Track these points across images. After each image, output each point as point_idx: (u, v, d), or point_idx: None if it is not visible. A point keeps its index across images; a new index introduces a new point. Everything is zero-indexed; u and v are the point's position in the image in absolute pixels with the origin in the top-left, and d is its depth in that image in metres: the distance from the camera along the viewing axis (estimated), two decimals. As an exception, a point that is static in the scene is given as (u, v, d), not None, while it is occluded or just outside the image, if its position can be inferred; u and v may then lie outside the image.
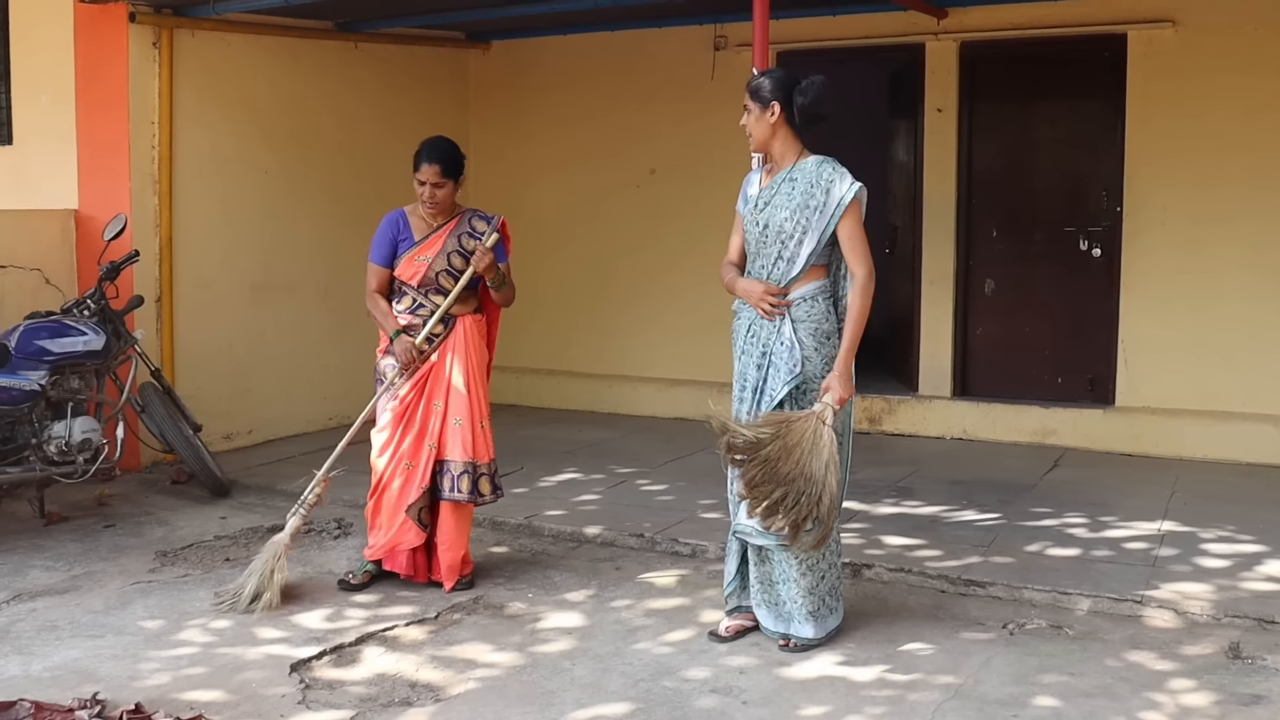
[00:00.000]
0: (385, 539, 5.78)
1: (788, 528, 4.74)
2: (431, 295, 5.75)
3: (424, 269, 5.74)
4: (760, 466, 4.74)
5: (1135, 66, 8.57)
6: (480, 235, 5.83)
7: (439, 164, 5.72)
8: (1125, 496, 7.36)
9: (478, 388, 5.81)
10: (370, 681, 4.77)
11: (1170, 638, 5.17)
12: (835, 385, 4.84)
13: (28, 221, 8.11)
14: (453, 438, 5.73)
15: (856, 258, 4.89)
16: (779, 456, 4.72)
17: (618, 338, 10.34)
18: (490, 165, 10.78)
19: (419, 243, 5.78)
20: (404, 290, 5.80)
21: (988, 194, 9.25)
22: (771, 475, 4.72)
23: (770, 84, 4.96)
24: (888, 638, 5.17)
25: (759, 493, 4.74)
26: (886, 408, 9.35)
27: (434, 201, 5.75)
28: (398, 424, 5.76)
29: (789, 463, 4.71)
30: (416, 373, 5.74)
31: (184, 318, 8.43)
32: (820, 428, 4.76)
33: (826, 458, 4.72)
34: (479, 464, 5.78)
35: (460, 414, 5.74)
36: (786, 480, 4.70)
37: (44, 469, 6.68)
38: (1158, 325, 8.59)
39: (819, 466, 4.70)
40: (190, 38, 8.36)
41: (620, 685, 4.71)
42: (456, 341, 5.79)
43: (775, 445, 4.73)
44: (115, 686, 4.65)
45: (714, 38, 9.68)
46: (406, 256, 5.77)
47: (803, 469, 4.70)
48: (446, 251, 5.77)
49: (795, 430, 4.75)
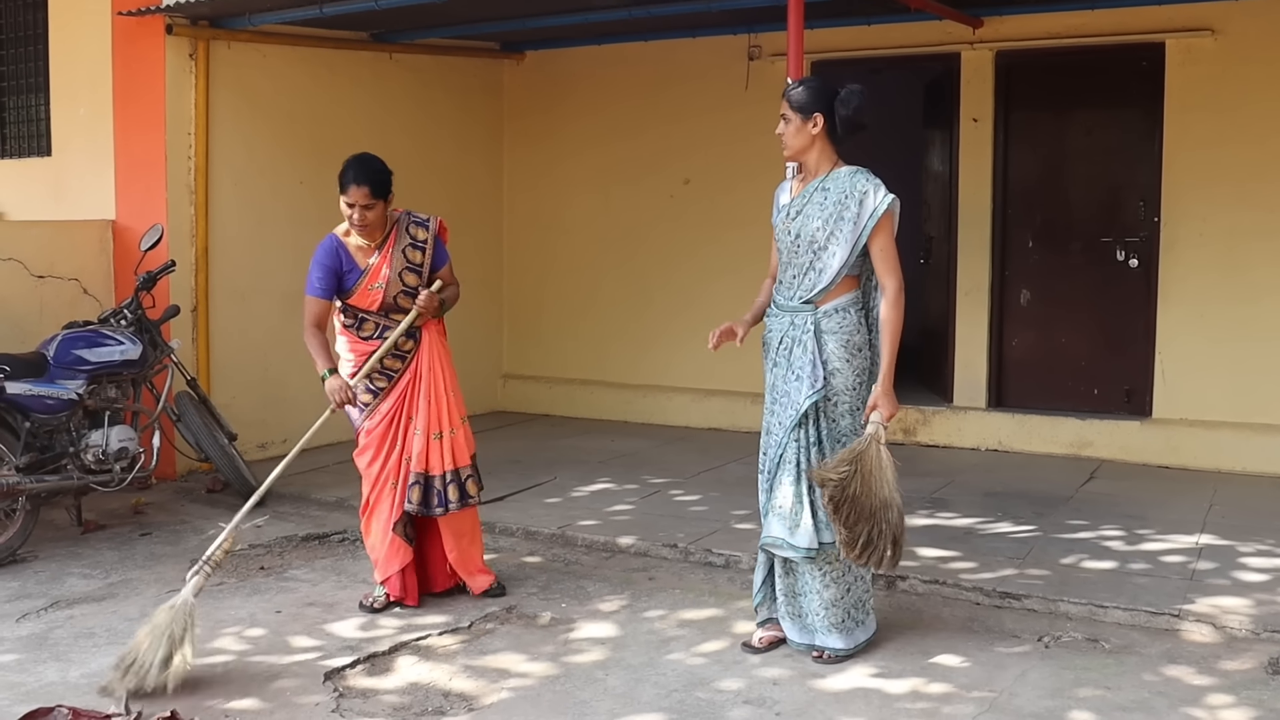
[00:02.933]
0: (380, 563, 5.73)
1: (880, 560, 4.77)
2: (393, 315, 5.62)
3: (380, 295, 5.59)
4: (849, 507, 4.76)
5: (1173, 75, 8.50)
6: (423, 244, 5.69)
7: (368, 185, 5.48)
8: (1162, 509, 7.30)
9: (446, 395, 5.72)
10: (404, 691, 4.77)
11: (1208, 652, 5.12)
12: (882, 403, 4.86)
13: (66, 232, 8.18)
14: (434, 451, 5.65)
15: (888, 270, 4.87)
16: (863, 492, 4.75)
17: (652, 348, 10.33)
18: (525, 175, 10.84)
19: (366, 271, 5.59)
20: (364, 317, 5.64)
21: (1023, 204, 9.20)
22: (861, 514, 4.75)
23: (811, 94, 4.94)
24: (922, 650, 5.14)
25: (855, 534, 4.75)
26: (921, 419, 9.30)
27: (364, 224, 5.52)
28: (381, 444, 5.68)
29: (870, 495, 4.76)
30: (395, 390, 5.66)
31: (220, 327, 8.49)
32: (880, 450, 4.80)
33: (892, 478, 4.79)
34: (461, 469, 5.72)
35: (441, 426, 5.67)
36: (871, 515, 4.75)
37: (81, 477, 6.73)
38: (1195, 337, 8.52)
39: (889, 491, 4.78)
40: (226, 49, 8.42)
41: (653, 696, 4.70)
42: (425, 352, 5.70)
43: (857, 482, 4.76)
44: (151, 694, 4.66)
45: (748, 47, 9.68)
46: (360, 288, 5.58)
47: (880, 498, 4.76)
48: (398, 271, 5.61)
49: (867, 460, 4.79)
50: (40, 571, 6.29)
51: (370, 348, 5.61)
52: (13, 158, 9.42)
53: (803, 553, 4.91)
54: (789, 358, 4.96)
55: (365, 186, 5.48)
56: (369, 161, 5.58)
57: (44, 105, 9.05)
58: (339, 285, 5.61)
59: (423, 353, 5.70)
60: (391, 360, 5.64)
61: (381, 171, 5.57)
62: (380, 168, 5.58)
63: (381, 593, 5.74)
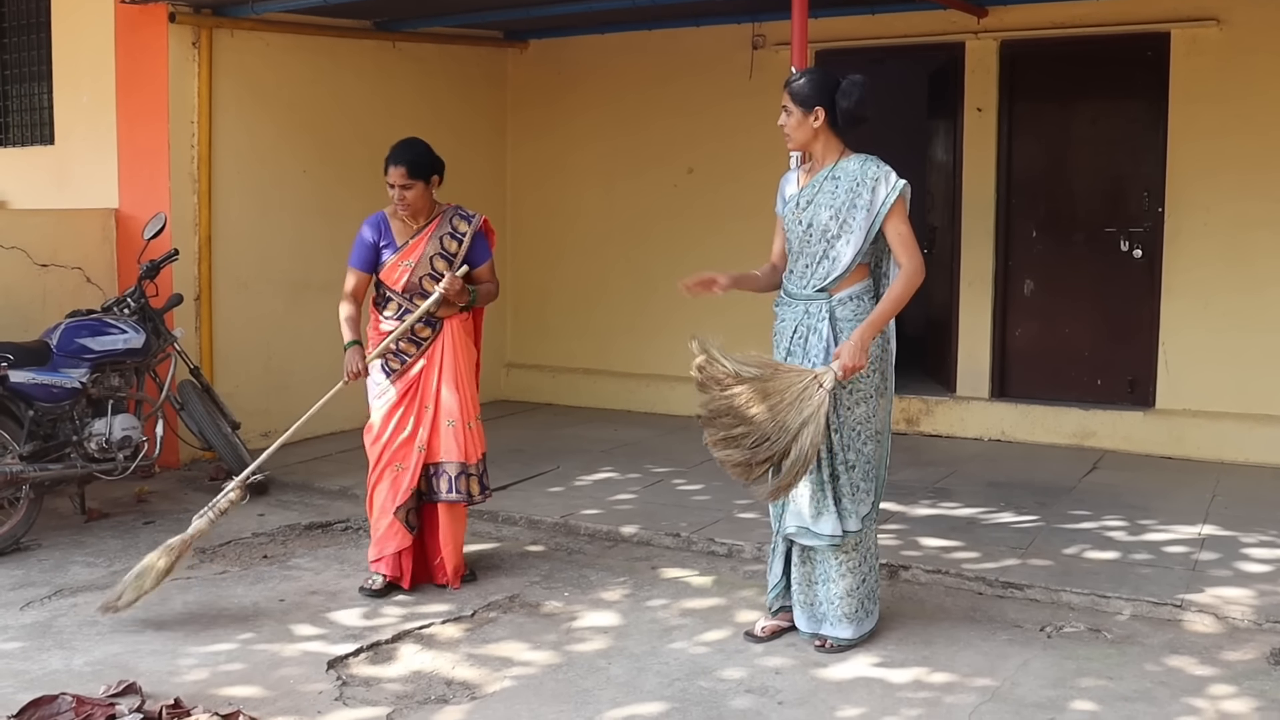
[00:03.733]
0: (375, 542, 5.79)
1: (739, 467, 4.71)
2: (416, 300, 5.70)
3: (408, 274, 5.68)
4: (729, 400, 4.72)
5: (1178, 65, 8.49)
6: (462, 236, 5.78)
7: (404, 165, 5.64)
8: (1165, 500, 7.30)
9: (467, 388, 5.77)
10: (407, 679, 4.78)
11: (1210, 643, 5.12)
12: (845, 352, 4.73)
13: (69, 221, 8.18)
14: (446, 440, 5.71)
15: (907, 253, 4.84)
16: (753, 398, 4.68)
17: (656, 337, 10.32)
18: (528, 164, 10.83)
19: (402, 248, 5.72)
20: (389, 296, 5.77)
21: (1027, 194, 9.19)
22: (737, 413, 4.70)
23: (812, 86, 4.92)
24: (924, 639, 5.15)
25: (720, 423, 4.72)
26: (924, 409, 9.30)
27: (405, 203, 5.68)
28: (386, 424, 5.74)
29: (760, 406, 4.66)
30: (406, 375, 5.72)
31: (223, 316, 8.49)
32: (813, 386, 4.68)
33: (808, 415, 4.63)
34: (469, 465, 5.75)
35: (453, 416, 5.71)
36: (750, 421, 4.66)
37: (85, 466, 6.74)
38: (1199, 327, 8.51)
39: (794, 420, 4.64)
40: (229, 37, 8.41)
41: (656, 684, 4.71)
42: (444, 344, 5.74)
43: (753, 386, 4.70)
44: (154, 681, 4.68)
45: (752, 36, 9.66)
46: (391, 262, 5.72)
47: (776, 416, 4.65)
48: (429, 255, 5.71)
49: (782, 379, 4.71)
50: (44, 560, 6.30)
51: (389, 328, 5.73)
52: (15, 146, 9.41)
53: (826, 540, 4.90)
54: (804, 346, 4.95)
55: (402, 166, 5.65)
56: (412, 144, 5.77)
57: (47, 93, 9.04)
58: (377, 259, 5.76)
59: (444, 343, 5.74)
60: (407, 344, 5.71)
61: (422, 154, 5.76)
62: (422, 149, 5.77)
63: (379, 576, 5.76)
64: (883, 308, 4.84)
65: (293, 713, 4.44)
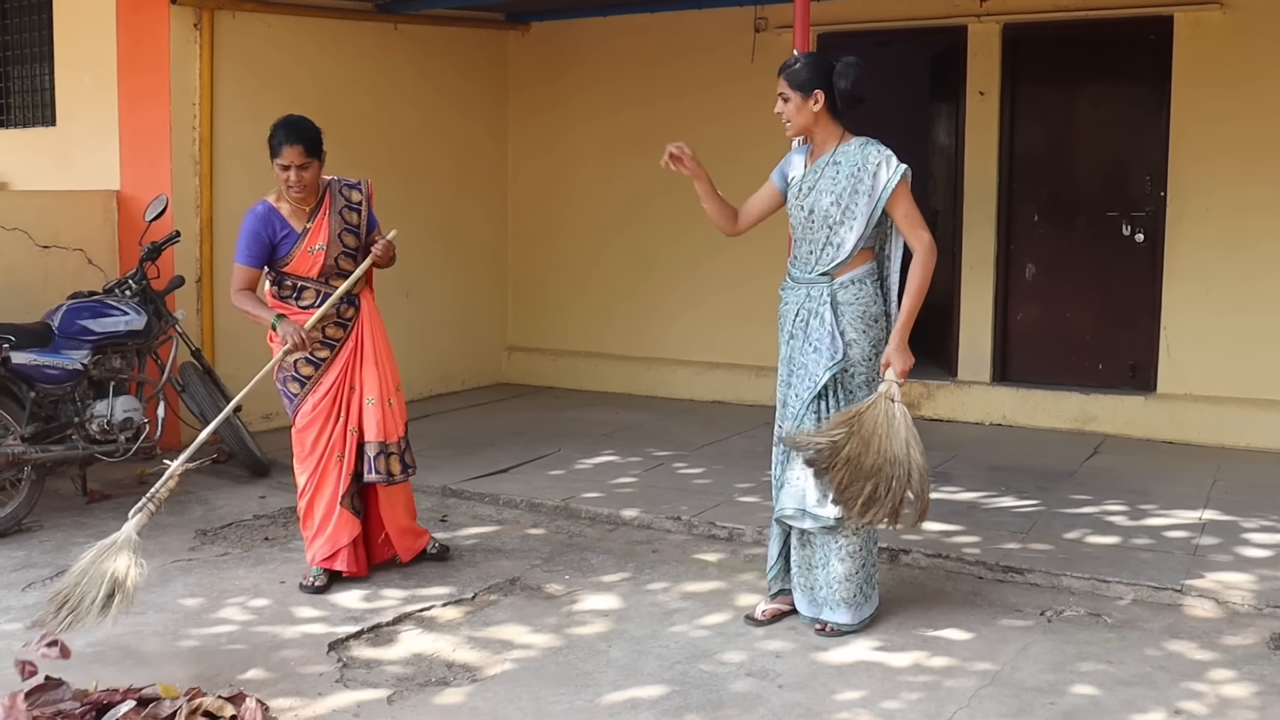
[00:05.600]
0: (325, 539, 5.62)
1: (888, 516, 4.70)
2: (333, 280, 5.56)
3: (321, 258, 5.52)
4: (845, 469, 4.70)
5: (1181, 49, 8.47)
6: (358, 205, 5.64)
7: (301, 144, 5.43)
8: (1166, 484, 7.30)
9: (386, 364, 5.68)
10: (407, 661, 4.79)
11: (1210, 627, 5.13)
12: (895, 359, 4.80)
13: (70, 202, 8.17)
14: (367, 419, 5.60)
15: (914, 234, 4.84)
16: (860, 453, 4.68)
17: (656, 321, 10.33)
18: (530, 146, 10.81)
19: (304, 234, 5.53)
20: (303, 285, 5.56)
21: (1029, 178, 9.17)
22: (858, 473, 4.68)
23: (809, 71, 4.91)
24: (924, 623, 5.15)
25: (851, 493, 4.70)
26: (925, 393, 9.30)
27: (301, 186, 5.46)
28: (328, 418, 5.59)
29: (870, 454, 4.67)
30: (340, 359, 5.59)
31: (224, 298, 8.46)
32: (891, 407, 4.73)
33: (905, 435, 4.68)
34: (388, 444, 5.64)
35: (373, 393, 5.61)
36: (873, 473, 4.66)
37: (86, 447, 6.74)
38: (1201, 312, 8.51)
39: (900, 447, 4.67)
40: (231, 19, 8.39)
41: (656, 667, 4.72)
42: (367, 320, 5.65)
43: (853, 443, 4.69)
44: (156, 663, 4.70)
45: (754, 19, 9.64)
46: (299, 251, 5.52)
47: (886, 456, 4.66)
48: (336, 233, 5.56)
49: (868, 420, 4.72)
50: (45, 541, 6.31)
51: (310, 315, 5.51)
52: (17, 127, 9.40)
53: (824, 522, 4.91)
54: (805, 330, 4.95)
55: (299, 145, 5.43)
56: (299, 122, 5.52)
57: (48, 75, 9.02)
58: (272, 254, 5.54)
59: (364, 320, 5.65)
60: (334, 329, 5.58)
61: (313, 131, 5.53)
62: (311, 127, 5.53)
63: (319, 570, 5.61)
64: (909, 302, 4.86)
65: (294, 694, 4.46)
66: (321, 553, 5.63)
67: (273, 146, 5.48)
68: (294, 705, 4.37)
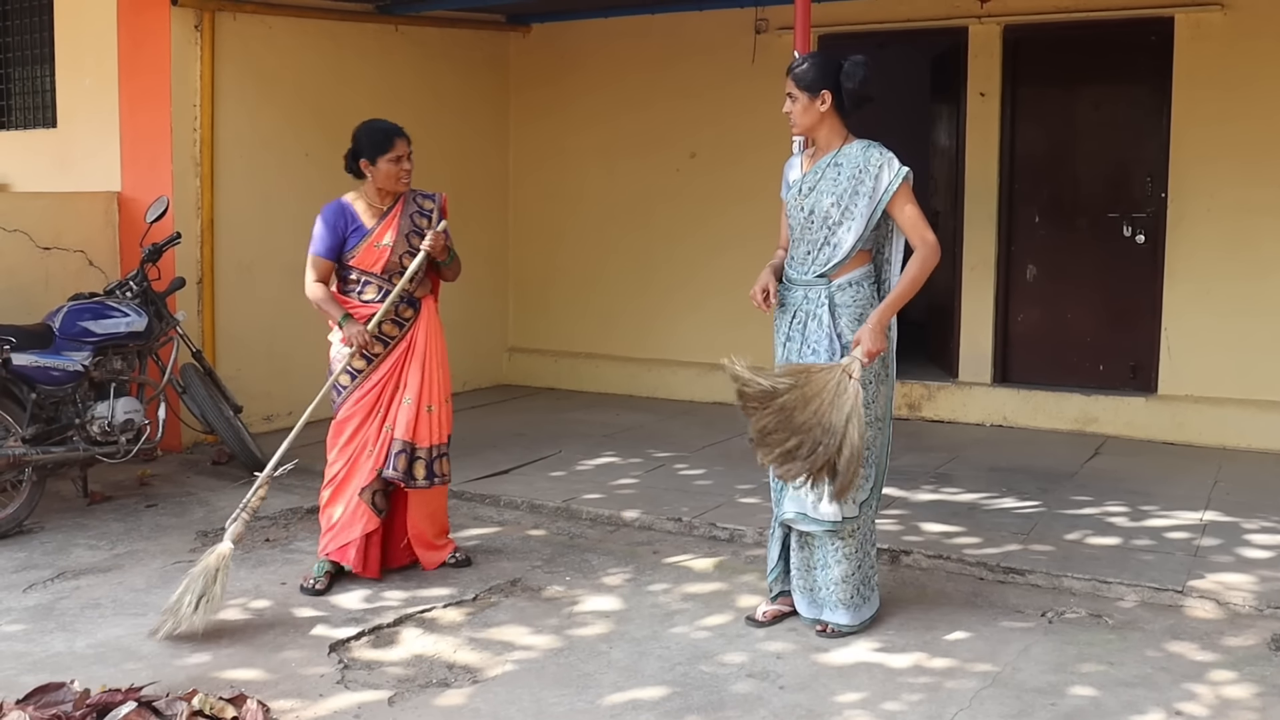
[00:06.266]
0: (339, 529, 5.66)
1: (804, 477, 4.67)
2: (396, 278, 5.65)
3: (386, 254, 5.65)
4: (774, 415, 4.66)
5: (1182, 50, 8.46)
6: (430, 212, 5.80)
7: (407, 137, 5.70)
8: (1167, 485, 7.30)
9: (436, 371, 5.75)
10: (408, 662, 4.79)
11: (1211, 628, 5.13)
12: (865, 337, 4.76)
13: (71, 204, 8.18)
14: (400, 417, 5.67)
15: (918, 235, 4.83)
16: (795, 406, 4.64)
17: (657, 322, 10.33)
18: (530, 148, 10.82)
19: (373, 230, 5.68)
20: (367, 279, 5.68)
21: (1030, 179, 9.17)
22: (786, 424, 4.65)
23: (817, 71, 4.91)
24: (925, 625, 5.15)
25: (771, 440, 4.67)
26: (926, 394, 9.30)
27: (408, 176, 5.70)
28: (369, 412, 5.67)
29: (805, 412, 4.63)
30: (390, 357, 5.67)
31: (225, 300, 8.49)
32: (844, 380, 4.67)
33: (849, 410, 4.61)
34: (417, 447, 5.69)
35: (412, 394, 5.67)
36: (802, 429, 4.62)
37: (87, 449, 6.74)
38: (1202, 313, 8.50)
39: (839, 418, 4.60)
40: (232, 21, 8.40)
41: (657, 669, 4.72)
42: (424, 323, 5.76)
43: (792, 395, 4.67)
44: (157, 664, 4.70)
45: (755, 20, 9.64)
46: (365, 245, 5.65)
47: (821, 419, 4.61)
48: (404, 233, 5.70)
49: (816, 381, 4.68)
50: (46, 542, 6.31)
51: (370, 310, 5.62)
52: (18, 129, 9.40)
53: (826, 526, 4.90)
54: (803, 332, 4.95)
55: (406, 137, 5.69)
56: (387, 121, 5.76)
57: (49, 76, 9.02)
58: (341, 246, 5.68)
59: (420, 323, 5.74)
60: (390, 327, 5.67)
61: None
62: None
63: (322, 570, 5.63)
64: (900, 289, 4.84)
65: (294, 695, 4.46)
66: (333, 544, 5.66)
67: (375, 144, 5.66)
68: (295, 706, 4.37)
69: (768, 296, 4.99)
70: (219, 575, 5.02)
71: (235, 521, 5.27)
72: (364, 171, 5.71)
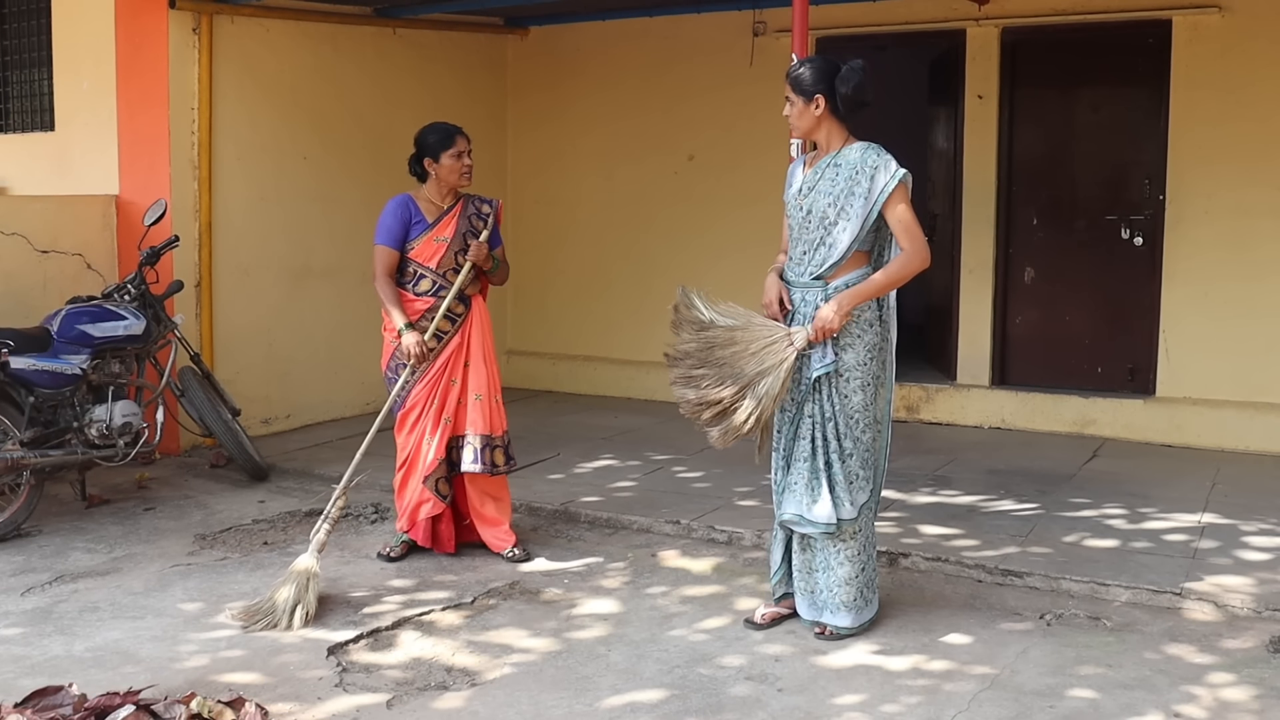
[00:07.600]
0: (407, 512, 6.06)
1: (693, 402, 4.85)
2: (449, 275, 5.95)
3: (443, 249, 5.93)
4: (697, 343, 4.85)
5: (1180, 52, 8.47)
6: (486, 216, 6.06)
7: (467, 135, 6.00)
8: (1165, 488, 7.30)
9: (492, 365, 6.07)
10: (406, 665, 4.79)
11: (1210, 631, 5.13)
12: (824, 310, 4.79)
13: (69, 207, 8.18)
14: (472, 414, 5.98)
15: (909, 238, 4.83)
16: (720, 343, 4.80)
17: (656, 324, 10.17)
18: (529, 151, 10.82)
19: (434, 224, 5.95)
20: (422, 274, 5.94)
21: (1028, 181, 9.17)
22: (703, 355, 4.83)
23: (811, 75, 4.91)
24: (924, 627, 5.15)
25: (683, 365, 4.85)
26: (924, 396, 9.30)
27: (470, 172, 5.98)
28: (426, 402, 5.96)
29: (725, 351, 4.79)
30: (446, 350, 5.94)
31: (223, 303, 8.49)
32: (782, 342, 4.79)
33: (767, 367, 4.75)
34: (494, 437, 6.02)
35: (481, 390, 5.99)
36: (714, 364, 4.79)
37: (85, 452, 6.74)
38: (1200, 315, 8.50)
39: (752, 369, 4.77)
40: (230, 24, 8.40)
41: (655, 671, 4.72)
42: (476, 319, 6.03)
43: (722, 333, 4.81)
44: (155, 668, 4.70)
45: (753, 23, 9.64)
46: (424, 239, 5.94)
47: (735, 363, 4.77)
48: (461, 232, 5.98)
49: (753, 329, 4.82)
50: (44, 546, 6.31)
51: (423, 304, 5.91)
52: (16, 132, 9.40)
53: (822, 528, 4.90)
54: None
55: (466, 135, 6.01)
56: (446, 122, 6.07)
57: (47, 80, 9.02)
58: (404, 238, 5.94)
59: (474, 321, 6.02)
60: (443, 322, 5.91)
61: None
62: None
63: (399, 540, 6.10)
64: (876, 279, 4.85)
65: (293, 699, 4.45)
66: (404, 524, 6.09)
67: (439, 141, 5.95)
68: (293, 710, 4.37)
69: (782, 304, 5.01)
70: (310, 585, 5.27)
71: (318, 532, 5.54)
72: (428, 170, 5.97)
